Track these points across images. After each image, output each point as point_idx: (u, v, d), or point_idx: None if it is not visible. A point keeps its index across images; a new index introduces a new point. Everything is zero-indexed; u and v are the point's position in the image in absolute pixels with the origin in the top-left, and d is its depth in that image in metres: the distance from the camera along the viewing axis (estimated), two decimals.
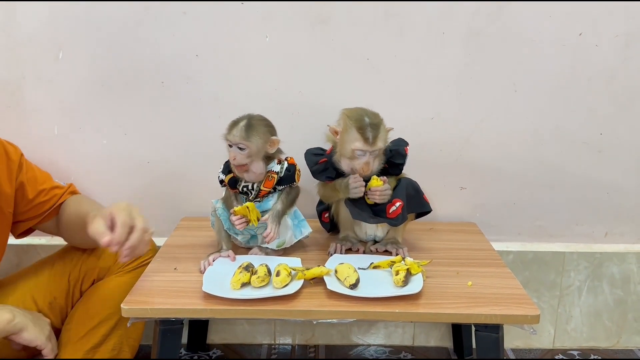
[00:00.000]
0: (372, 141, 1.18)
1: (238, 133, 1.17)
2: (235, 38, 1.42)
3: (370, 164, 1.20)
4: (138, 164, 1.51)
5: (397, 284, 1.11)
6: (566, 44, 1.43)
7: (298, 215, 1.31)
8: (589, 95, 1.47)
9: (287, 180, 1.25)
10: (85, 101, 1.46)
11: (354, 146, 1.19)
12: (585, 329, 1.61)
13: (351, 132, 1.19)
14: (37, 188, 1.24)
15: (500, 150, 1.51)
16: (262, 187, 1.24)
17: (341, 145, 1.22)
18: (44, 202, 1.25)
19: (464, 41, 1.43)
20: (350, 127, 1.19)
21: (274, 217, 1.22)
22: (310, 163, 1.28)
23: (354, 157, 1.20)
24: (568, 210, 1.56)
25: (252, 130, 1.17)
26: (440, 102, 1.48)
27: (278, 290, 1.09)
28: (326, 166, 1.27)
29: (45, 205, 1.26)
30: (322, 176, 1.27)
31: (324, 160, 1.27)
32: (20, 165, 1.23)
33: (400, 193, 1.25)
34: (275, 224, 1.22)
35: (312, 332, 1.61)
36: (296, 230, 1.29)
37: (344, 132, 1.21)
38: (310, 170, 1.28)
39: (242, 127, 1.18)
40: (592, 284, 1.58)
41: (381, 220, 1.24)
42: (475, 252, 1.34)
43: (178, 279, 1.16)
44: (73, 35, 1.42)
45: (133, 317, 1.07)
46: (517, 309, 1.06)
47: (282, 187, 1.25)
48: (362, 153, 1.19)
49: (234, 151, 1.19)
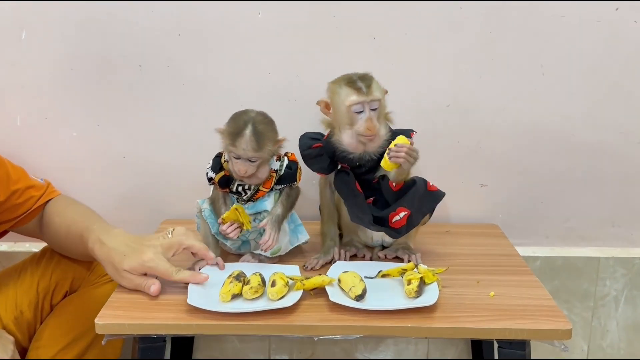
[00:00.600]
0: (366, 90, 1.18)
1: (248, 146, 1.16)
2: (222, 14, 1.42)
3: (373, 120, 1.19)
4: (113, 159, 1.52)
5: (409, 295, 1.11)
6: (601, 20, 1.43)
7: (295, 219, 1.31)
8: (626, 77, 1.47)
9: (288, 180, 1.24)
10: (51, 87, 1.46)
11: (348, 102, 1.18)
12: (623, 345, 1.61)
13: (341, 90, 1.20)
14: (9, 188, 1.23)
15: (525, 142, 1.52)
16: (262, 188, 1.23)
17: (336, 114, 1.22)
18: (17, 205, 1.25)
19: (484, 17, 1.43)
20: (339, 87, 1.21)
21: (274, 222, 1.22)
22: (303, 146, 1.28)
23: (354, 118, 1.19)
24: (603, 210, 1.57)
25: (262, 139, 1.16)
26: (457, 86, 1.48)
27: (274, 303, 1.09)
28: (320, 152, 1.27)
29: (19, 209, 1.25)
30: (314, 164, 1.28)
31: (318, 145, 1.27)
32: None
33: (409, 200, 1.24)
34: (274, 230, 1.21)
35: (311, 349, 1.61)
36: (293, 237, 1.29)
37: (335, 97, 1.21)
38: (302, 154, 1.28)
39: (250, 137, 1.16)
40: (630, 293, 1.58)
41: (381, 229, 1.25)
42: (498, 258, 1.34)
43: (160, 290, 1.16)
44: (37, 13, 1.41)
45: (108, 334, 1.07)
46: (546, 323, 1.06)
47: (281, 186, 1.25)
48: (360, 107, 1.19)
49: (243, 164, 1.18)
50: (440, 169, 1.50)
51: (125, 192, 1.53)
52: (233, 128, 1.17)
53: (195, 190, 1.39)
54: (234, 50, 1.44)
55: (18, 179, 1.26)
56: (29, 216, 1.27)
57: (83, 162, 1.51)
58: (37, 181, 1.30)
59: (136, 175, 1.53)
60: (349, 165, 1.26)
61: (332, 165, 1.28)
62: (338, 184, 1.27)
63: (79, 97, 1.47)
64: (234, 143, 1.17)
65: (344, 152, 1.24)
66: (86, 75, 1.46)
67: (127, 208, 1.54)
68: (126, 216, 1.54)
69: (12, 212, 1.24)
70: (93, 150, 1.51)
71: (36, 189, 1.28)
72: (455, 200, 1.53)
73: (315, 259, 1.27)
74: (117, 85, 1.46)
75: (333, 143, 1.25)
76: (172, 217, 1.54)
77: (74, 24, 1.42)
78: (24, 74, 1.45)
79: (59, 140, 1.49)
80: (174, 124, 1.49)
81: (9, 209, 1.24)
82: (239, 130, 1.16)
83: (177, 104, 1.48)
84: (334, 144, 1.25)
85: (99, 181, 1.53)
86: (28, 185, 1.27)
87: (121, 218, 1.54)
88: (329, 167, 1.28)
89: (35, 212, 1.27)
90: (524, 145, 1.52)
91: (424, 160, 1.34)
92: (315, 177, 1.43)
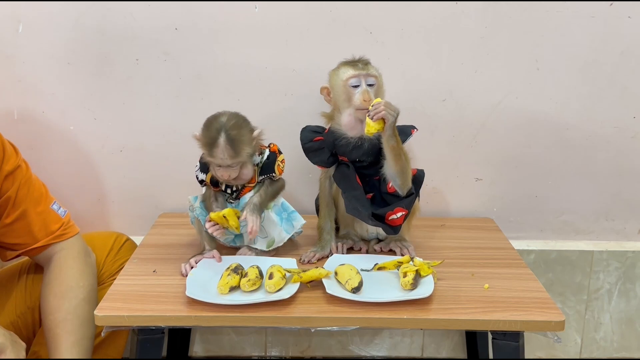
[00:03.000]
0: (362, 65, 1.23)
1: (225, 155, 1.17)
2: (219, 8, 1.43)
3: (369, 93, 1.22)
4: (110, 152, 1.53)
5: (405, 287, 1.13)
6: (595, 15, 1.45)
7: (286, 207, 1.32)
8: (620, 72, 1.49)
9: (266, 170, 1.26)
10: (48, 81, 1.47)
11: (345, 76, 1.23)
12: (616, 338, 1.64)
13: (339, 69, 1.25)
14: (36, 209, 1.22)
15: (520, 136, 1.53)
16: (247, 185, 1.26)
17: (335, 95, 1.25)
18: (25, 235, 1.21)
19: (480, 11, 1.44)
20: (337, 68, 1.26)
21: (252, 210, 1.23)
22: (304, 139, 1.31)
23: (351, 94, 1.23)
24: (597, 203, 1.59)
25: (237, 145, 1.17)
26: (452, 81, 1.49)
27: (271, 295, 1.11)
28: (321, 145, 1.29)
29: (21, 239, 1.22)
30: (314, 157, 1.30)
31: (319, 138, 1.29)
32: (14, 177, 1.20)
33: (409, 202, 1.27)
34: (255, 217, 1.22)
35: (308, 342, 1.63)
36: (286, 225, 1.30)
37: (334, 78, 1.25)
38: (303, 147, 1.30)
39: (224, 146, 1.17)
40: (623, 287, 1.60)
41: (379, 225, 1.27)
42: (492, 251, 1.36)
43: (158, 283, 1.18)
44: (34, 7, 1.42)
45: (108, 326, 1.08)
46: (540, 315, 1.09)
47: (261, 177, 1.26)
48: (357, 81, 1.22)
49: (225, 170, 1.20)
50: (436, 163, 1.52)
51: (122, 186, 1.54)
52: (207, 138, 1.18)
53: (192, 183, 1.39)
54: (231, 45, 1.46)
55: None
56: (34, 252, 1.24)
57: (80, 155, 1.52)
58: (58, 213, 1.26)
59: (133, 168, 1.54)
60: (348, 158, 1.27)
61: (332, 159, 1.30)
62: (338, 175, 1.29)
63: (76, 91, 1.48)
64: (211, 153, 1.18)
65: (344, 137, 1.26)
66: (83, 69, 1.46)
67: (124, 201, 1.55)
68: (123, 209, 1.55)
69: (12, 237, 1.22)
70: (90, 143, 1.51)
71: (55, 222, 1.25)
72: (450, 194, 1.55)
73: (312, 252, 1.29)
74: (114, 79, 1.47)
75: (333, 131, 1.27)
76: (169, 211, 1.55)
77: (71, 18, 1.43)
78: (21, 67, 1.46)
79: (56, 133, 1.50)
80: (170, 117, 1.50)
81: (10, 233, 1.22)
82: (213, 141, 1.17)
83: (174, 97, 1.49)
84: (333, 132, 1.27)
85: (96, 173, 1.53)
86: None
87: (118, 211, 1.56)
88: (329, 160, 1.30)
89: (39, 250, 1.24)
90: (518, 140, 1.54)
91: (420, 153, 1.37)
92: (311, 171, 1.45)
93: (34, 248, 1.22)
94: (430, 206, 1.55)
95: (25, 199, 1.21)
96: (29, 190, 1.22)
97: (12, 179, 1.19)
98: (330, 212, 1.34)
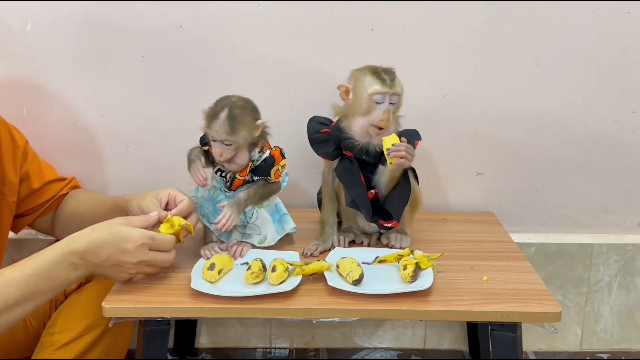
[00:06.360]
0: (390, 83, 1.23)
1: (221, 128, 1.19)
2: (224, 6, 1.45)
3: (389, 114, 1.23)
4: (117, 148, 1.55)
5: (405, 280, 1.16)
6: (595, 11, 1.46)
7: (280, 209, 1.33)
8: (620, 67, 1.51)
9: (261, 172, 1.25)
10: (56, 78, 1.50)
11: (371, 90, 1.22)
12: (616, 330, 1.66)
13: (365, 78, 1.24)
14: (43, 180, 1.35)
15: (520, 131, 1.55)
16: (237, 177, 1.25)
17: (355, 101, 1.26)
18: (45, 194, 1.36)
19: (481, 8, 1.46)
20: (364, 75, 1.25)
21: (232, 203, 1.23)
22: (311, 129, 1.32)
23: (371, 107, 1.23)
24: (597, 197, 1.61)
25: (236, 122, 1.19)
26: (453, 76, 1.51)
27: (274, 287, 1.13)
28: (327, 138, 1.31)
29: (44, 197, 1.36)
30: (319, 148, 1.32)
31: (326, 130, 1.31)
32: (26, 153, 1.33)
33: (399, 215, 1.31)
34: (232, 211, 1.23)
35: (311, 334, 1.66)
36: (278, 227, 1.32)
37: (357, 84, 1.25)
38: (309, 137, 1.32)
39: (223, 120, 1.19)
40: (623, 279, 1.62)
41: (376, 224, 1.30)
42: (492, 244, 1.38)
43: (164, 275, 1.21)
44: (42, 5, 1.45)
45: (115, 317, 1.12)
46: (537, 306, 1.11)
47: (257, 178, 1.27)
48: (381, 98, 1.23)
49: (218, 147, 1.21)
50: (438, 158, 1.54)
51: (129, 182, 1.56)
52: (212, 110, 1.21)
53: None
54: (235, 42, 1.48)
55: (48, 172, 1.39)
56: (52, 206, 1.37)
57: (87, 151, 1.55)
58: (64, 177, 1.43)
59: (139, 163, 1.56)
60: (353, 154, 1.29)
61: (337, 151, 1.31)
62: (340, 170, 1.31)
63: (83, 88, 1.50)
64: (210, 125, 1.21)
65: (351, 139, 1.28)
66: (90, 66, 1.49)
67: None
68: None
69: (39, 200, 1.35)
70: (97, 139, 1.54)
71: (62, 181, 1.41)
72: (452, 188, 1.57)
73: (314, 245, 1.32)
74: (120, 76, 1.50)
75: (341, 129, 1.29)
76: None
77: (78, 16, 1.45)
78: (30, 65, 1.48)
79: (64, 130, 1.53)
80: (176, 114, 1.52)
81: (38, 198, 1.35)
82: (216, 113, 1.20)
83: (179, 94, 1.51)
84: (341, 130, 1.29)
85: (103, 169, 1.56)
86: (57, 177, 1.40)
87: None
88: (334, 153, 1.31)
89: (58, 201, 1.38)
90: (519, 134, 1.55)
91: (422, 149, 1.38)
92: (314, 164, 1.47)
93: (58, 196, 1.37)
94: (431, 200, 1.57)
95: (43, 167, 1.39)
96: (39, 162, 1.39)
97: (27, 153, 1.34)
98: (332, 205, 1.36)
